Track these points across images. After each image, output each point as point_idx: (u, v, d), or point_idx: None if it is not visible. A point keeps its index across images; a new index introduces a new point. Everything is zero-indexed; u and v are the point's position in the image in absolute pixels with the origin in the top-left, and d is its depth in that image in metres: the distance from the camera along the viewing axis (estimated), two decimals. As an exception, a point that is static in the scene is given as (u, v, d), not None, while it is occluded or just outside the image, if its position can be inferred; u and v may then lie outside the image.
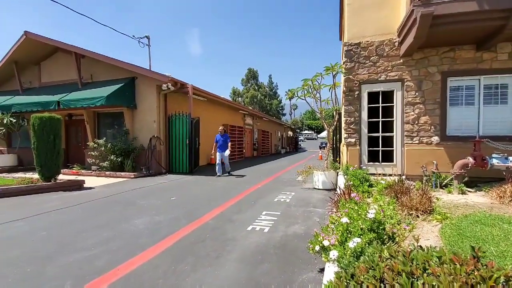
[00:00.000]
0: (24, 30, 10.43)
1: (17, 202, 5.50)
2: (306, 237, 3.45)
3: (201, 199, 5.87)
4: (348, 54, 6.41)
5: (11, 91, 12.04)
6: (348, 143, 6.42)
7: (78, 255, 2.99)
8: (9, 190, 5.97)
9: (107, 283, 2.41)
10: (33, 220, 4.34)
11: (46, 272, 2.62)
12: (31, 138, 6.71)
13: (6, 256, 2.97)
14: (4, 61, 11.31)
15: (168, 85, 9.32)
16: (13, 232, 3.74)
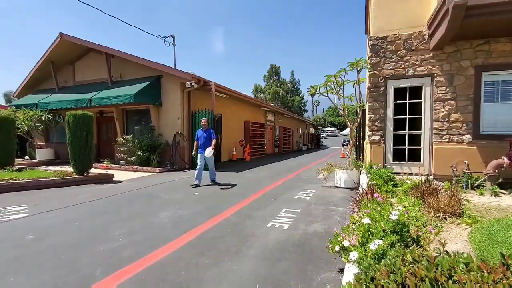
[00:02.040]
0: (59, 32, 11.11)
1: (53, 194, 5.94)
2: (326, 236, 3.41)
3: (222, 194, 5.98)
4: (374, 48, 6.17)
5: (49, 89, 12.94)
6: (372, 141, 6.22)
7: (107, 245, 3.18)
8: (47, 182, 6.47)
9: (133, 272, 2.55)
10: (68, 210, 4.67)
11: (79, 260, 2.82)
12: (66, 134, 7.19)
13: (45, 244, 3.23)
14: (42, 61, 12.16)
15: (191, 83, 9.54)
16: (50, 222, 4.05)
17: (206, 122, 7.08)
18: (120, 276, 2.49)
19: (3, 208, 4.72)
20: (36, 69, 12.56)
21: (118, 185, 7.02)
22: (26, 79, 13.05)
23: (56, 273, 2.53)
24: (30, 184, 6.22)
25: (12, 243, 3.23)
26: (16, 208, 4.74)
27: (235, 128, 14.48)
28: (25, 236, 3.46)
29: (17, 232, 3.59)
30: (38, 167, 10.01)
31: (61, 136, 12.52)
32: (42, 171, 8.36)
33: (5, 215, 4.33)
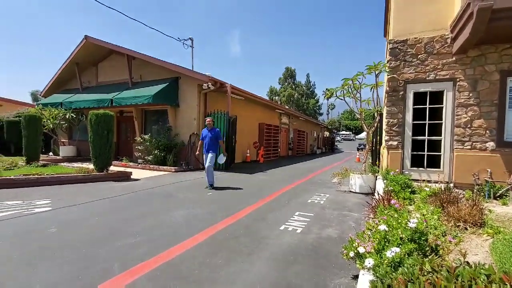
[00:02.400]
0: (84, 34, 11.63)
1: (75, 189, 6.19)
2: (340, 241, 3.37)
3: (235, 195, 6.03)
4: (393, 52, 6.05)
5: (73, 89, 13.54)
6: (390, 146, 6.08)
7: (125, 241, 3.29)
8: (69, 178, 6.76)
9: (149, 269, 2.62)
10: (88, 206, 4.86)
11: (98, 254, 2.93)
12: (88, 132, 7.49)
13: (67, 238, 3.37)
14: (68, 62, 12.75)
15: (208, 85, 9.69)
16: (72, 217, 4.23)
17: (211, 121, 6.73)
18: (136, 271, 2.57)
19: (28, 201, 4.98)
20: (62, 70, 13.18)
21: (136, 183, 7.22)
22: (53, 79, 13.72)
23: (76, 265, 2.65)
24: (54, 179, 6.53)
25: (37, 235, 3.41)
26: (41, 202, 4.98)
27: (249, 129, 14.54)
28: (49, 229, 3.63)
29: (41, 225, 3.77)
30: (61, 163, 10.46)
31: (83, 134, 13.07)
32: (65, 167, 8.74)
33: (31, 208, 4.57)
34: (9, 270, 2.51)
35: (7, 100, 17.42)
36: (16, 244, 3.12)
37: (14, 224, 3.79)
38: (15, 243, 3.14)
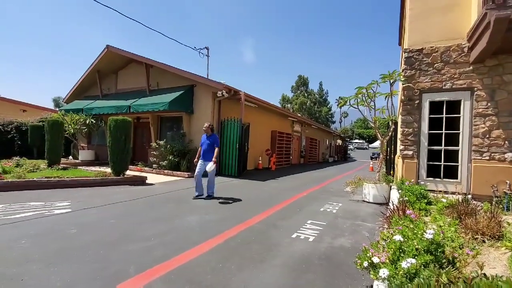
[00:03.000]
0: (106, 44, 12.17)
1: (93, 192, 6.41)
2: (353, 251, 3.33)
3: (247, 202, 6.06)
4: (409, 61, 6.01)
5: (94, 96, 14.10)
6: (405, 156, 5.97)
7: (140, 244, 3.38)
8: (88, 181, 7.00)
9: (163, 272, 2.69)
10: (105, 209, 5.02)
11: (114, 256, 3.02)
12: (107, 137, 7.77)
13: (85, 239, 3.50)
14: (90, 70, 13.33)
15: (222, 92, 9.88)
16: (89, 219, 4.38)
17: (209, 127, 6.22)
18: (151, 274, 2.64)
19: (50, 202, 5.20)
20: (84, 77, 13.79)
21: (151, 187, 7.39)
22: (75, 86, 14.35)
23: (94, 266, 2.75)
24: (74, 182, 6.78)
25: (57, 236, 3.55)
26: (61, 203, 5.19)
27: (262, 137, 14.62)
28: (68, 230, 3.78)
29: (61, 226, 3.93)
30: (80, 166, 10.85)
31: (101, 139, 13.53)
32: (84, 170, 9.05)
33: (52, 209, 4.77)
34: (32, 269, 2.63)
35: (31, 105, 18.30)
36: (38, 243, 3.27)
37: (36, 224, 3.97)
38: (38, 243, 3.28)
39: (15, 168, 7.63)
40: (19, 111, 16.75)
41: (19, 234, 3.53)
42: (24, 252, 3.01)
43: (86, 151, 13.07)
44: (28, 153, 12.42)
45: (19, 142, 12.86)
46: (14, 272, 2.55)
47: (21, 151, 12.53)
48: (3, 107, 15.90)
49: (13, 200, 5.24)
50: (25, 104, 17.99)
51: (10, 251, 3.02)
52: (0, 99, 16.55)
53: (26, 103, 18.17)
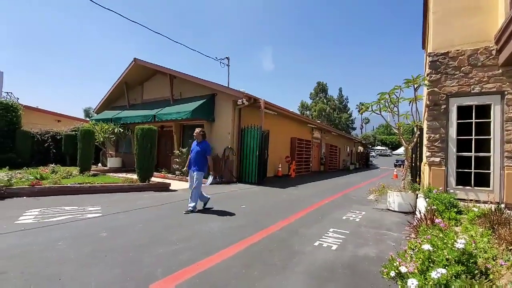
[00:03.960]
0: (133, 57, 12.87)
1: (121, 198, 6.72)
2: (378, 261, 3.25)
3: (268, 209, 6.08)
4: (434, 65, 5.84)
5: (121, 106, 14.88)
6: (431, 163, 5.75)
7: (166, 248, 3.50)
8: (116, 187, 7.36)
9: (189, 275, 2.77)
10: (132, 214, 5.25)
11: (143, 259, 3.16)
12: (134, 145, 8.15)
13: (115, 242, 3.68)
14: (118, 82, 14.13)
15: (243, 100, 10.07)
16: (119, 223, 4.60)
17: (199, 133, 5.60)
18: (177, 277, 2.74)
19: (82, 207, 5.52)
20: (113, 89, 14.62)
21: (174, 193, 7.62)
22: (105, 97, 15.24)
23: (124, 268, 2.89)
24: (103, 188, 7.16)
25: (90, 239, 3.77)
26: (93, 208, 5.49)
27: (281, 144, 14.62)
28: (100, 233, 4.00)
29: (93, 229, 4.17)
30: (109, 173, 11.41)
31: (128, 147, 14.17)
32: (112, 177, 9.52)
33: (84, 213, 5.06)
34: (68, 270, 2.82)
35: (65, 116, 19.57)
36: (73, 245, 3.49)
37: (71, 227, 4.23)
38: (72, 245, 3.50)
39: (51, 175, 8.17)
40: (54, 121, 17.96)
41: (56, 236, 3.78)
42: (61, 253, 3.22)
43: (114, 158, 13.72)
44: (62, 161, 13.25)
45: (54, 150, 13.76)
46: (53, 272, 2.74)
47: (56, 158, 13.41)
48: (40, 117, 17.14)
49: (50, 205, 5.61)
50: (60, 115, 19.27)
51: (49, 252, 3.24)
52: (38, 110, 17.85)
53: (60, 113, 19.46)
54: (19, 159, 11.28)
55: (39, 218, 4.64)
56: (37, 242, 3.52)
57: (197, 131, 5.65)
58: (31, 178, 7.18)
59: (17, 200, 5.96)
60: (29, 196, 6.29)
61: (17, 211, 5.03)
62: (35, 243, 3.50)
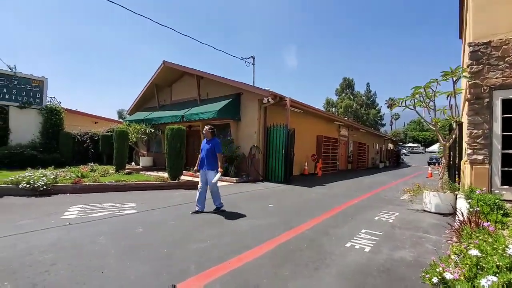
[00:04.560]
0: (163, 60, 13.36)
1: (154, 195, 7.02)
2: (416, 265, 3.10)
3: (296, 208, 6.03)
4: (475, 55, 5.41)
5: (152, 107, 15.55)
6: (473, 161, 5.34)
7: (197, 245, 3.60)
8: (149, 185, 7.72)
9: (221, 273, 2.82)
10: (166, 210, 5.46)
11: (176, 255, 3.28)
12: (164, 145, 8.47)
13: (151, 238, 3.85)
14: (149, 84, 14.79)
15: (268, 99, 10.05)
16: (153, 219, 4.82)
17: (209, 131, 5.44)
18: (209, 274, 2.80)
19: (119, 204, 5.85)
20: (144, 91, 15.32)
21: (202, 192, 7.81)
22: (137, 99, 16.02)
23: (160, 263, 3.01)
24: (137, 186, 7.53)
25: (127, 234, 3.98)
26: (128, 205, 5.79)
27: (307, 142, 14.41)
28: (136, 229, 4.20)
29: (130, 225, 4.39)
30: (141, 171, 11.99)
31: (158, 147, 14.78)
32: (145, 175, 9.99)
33: (121, 210, 5.36)
34: (109, 263, 3.00)
35: (101, 117, 20.87)
36: (113, 240, 3.70)
37: (110, 223, 4.50)
38: (112, 239, 3.72)
39: (90, 173, 8.75)
40: (91, 123, 19.22)
41: (98, 231, 4.04)
42: (102, 247, 3.44)
43: (146, 157, 14.38)
44: (99, 159, 14.14)
45: (92, 149, 14.74)
46: (96, 265, 2.93)
47: (93, 157, 14.34)
48: (79, 119, 18.42)
49: (90, 201, 6.01)
50: (96, 117, 20.58)
51: (91, 246, 3.48)
52: (77, 113, 19.19)
53: (97, 115, 20.78)
54: (62, 158, 12.20)
55: (81, 214, 4.99)
56: (81, 236, 3.78)
57: (206, 128, 5.49)
58: (73, 176, 7.74)
59: (62, 197, 6.46)
60: (72, 193, 6.79)
61: (62, 207, 5.45)
62: (80, 237, 3.77)
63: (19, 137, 12.26)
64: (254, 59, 15.91)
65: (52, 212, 5.00)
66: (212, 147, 5.35)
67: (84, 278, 2.63)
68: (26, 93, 12.63)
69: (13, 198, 6.12)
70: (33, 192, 6.36)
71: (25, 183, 6.36)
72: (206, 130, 5.46)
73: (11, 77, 12.27)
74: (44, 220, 4.49)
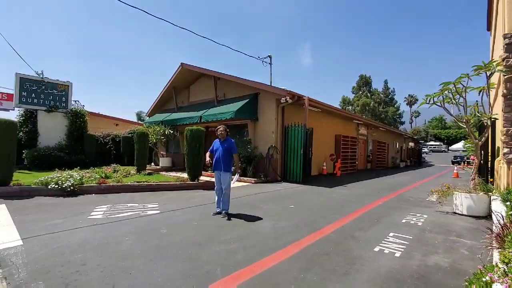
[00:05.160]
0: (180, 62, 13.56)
1: (175, 195, 7.09)
2: (453, 272, 2.92)
3: (318, 210, 5.90)
4: (510, 47, 5.05)
5: (170, 109, 15.81)
6: (510, 160, 4.99)
7: (222, 247, 3.57)
8: (169, 185, 7.83)
9: (248, 277, 2.77)
10: (187, 211, 5.49)
11: (201, 256, 3.26)
12: (184, 145, 8.57)
13: (175, 239, 3.86)
14: (167, 86, 15.06)
15: (286, 98, 9.93)
16: (176, 220, 4.85)
17: (224, 131, 5.33)
18: (236, 277, 2.75)
19: (142, 204, 5.95)
20: (163, 93, 15.62)
21: (221, 192, 7.81)
22: (156, 101, 16.35)
23: (186, 265, 3.00)
24: (158, 186, 7.66)
25: (152, 234, 4.01)
26: (151, 205, 5.88)
27: (325, 142, 14.15)
28: (160, 229, 4.24)
29: (154, 225, 4.44)
30: (161, 172, 12.21)
31: (177, 148, 15.01)
32: (165, 176, 10.15)
33: (145, 210, 5.44)
34: (137, 264, 3.02)
35: (122, 119, 21.47)
36: (139, 240, 3.74)
37: (135, 223, 4.57)
38: (138, 240, 3.76)
39: (113, 174, 9.00)
40: (112, 125, 19.81)
41: (124, 231, 4.11)
42: (129, 248, 3.48)
43: (165, 158, 14.64)
44: (121, 160, 14.54)
45: (114, 151, 15.19)
46: (124, 265, 2.96)
47: (115, 158, 14.77)
48: (101, 122, 19.04)
49: (115, 202, 6.16)
50: (117, 119, 21.20)
51: (118, 246, 3.53)
52: (99, 115, 19.85)
53: (117, 118, 21.40)
54: (86, 159, 12.65)
55: (107, 214, 5.10)
56: (108, 236, 3.86)
57: (221, 129, 5.35)
58: (97, 177, 7.98)
59: (88, 197, 6.66)
60: (97, 193, 6.99)
61: (88, 207, 5.61)
62: (107, 237, 3.84)
63: (47, 139, 12.82)
64: (271, 59, 15.80)
65: (79, 212, 5.15)
66: (228, 148, 5.22)
67: (113, 279, 2.66)
68: (53, 98, 13.19)
69: (43, 198, 6.38)
70: (61, 193, 6.61)
71: (53, 184, 6.62)
72: (222, 130, 5.33)
73: (39, 83, 12.85)
74: (73, 220, 4.63)
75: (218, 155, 5.23)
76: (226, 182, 5.18)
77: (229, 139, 5.40)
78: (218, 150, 5.26)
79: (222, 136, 5.32)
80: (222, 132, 5.31)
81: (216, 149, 5.31)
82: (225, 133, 5.34)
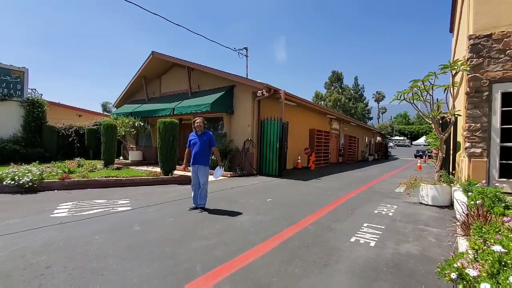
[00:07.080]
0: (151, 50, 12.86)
1: (147, 191, 6.77)
2: (423, 259, 3.09)
3: (295, 202, 5.96)
4: (475, 48, 5.41)
5: (140, 100, 15.02)
6: (471, 154, 5.40)
7: (200, 243, 3.45)
8: (141, 180, 7.45)
9: (228, 272, 2.70)
10: (161, 207, 5.26)
11: (179, 254, 3.12)
12: (156, 138, 8.18)
13: (149, 236, 3.67)
14: (137, 75, 14.23)
15: (262, 92, 9.87)
16: (149, 216, 4.61)
17: (201, 123, 5.05)
18: (217, 274, 2.67)
19: (112, 200, 5.60)
20: (132, 83, 14.75)
21: (197, 186, 7.62)
22: (124, 91, 15.42)
23: (163, 263, 2.85)
24: (129, 181, 7.25)
25: (124, 233, 3.77)
26: (122, 201, 5.55)
27: (300, 136, 14.38)
28: (133, 227, 4.00)
29: (126, 223, 4.18)
30: (131, 166, 11.61)
31: (148, 141, 14.35)
32: (135, 170, 9.66)
33: (115, 207, 5.12)
34: (109, 264, 2.81)
35: (86, 110, 20.07)
36: (110, 239, 3.50)
37: (104, 220, 4.28)
38: (109, 239, 3.51)
39: (77, 168, 8.37)
40: (75, 116, 18.45)
41: (93, 230, 3.82)
42: (99, 247, 3.24)
43: (135, 152, 13.96)
44: (85, 154, 13.62)
45: (78, 144, 14.17)
46: (94, 266, 2.74)
47: (79, 152, 13.80)
48: (62, 112, 17.64)
49: (81, 198, 5.73)
50: (81, 110, 19.77)
51: (87, 246, 3.27)
52: (60, 105, 18.37)
53: (81, 108, 19.97)
54: (46, 153, 11.68)
55: (72, 211, 4.73)
56: (75, 236, 3.56)
57: (198, 121, 5.05)
58: (60, 172, 7.37)
59: (49, 194, 6.13)
60: (60, 190, 6.46)
61: (50, 204, 5.16)
62: (73, 236, 3.54)
63: (0, 131, 11.60)
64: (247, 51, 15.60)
65: (40, 210, 4.72)
66: (207, 141, 5.03)
67: (83, 282, 2.44)
68: (6, 85, 11.92)
69: (-4, 195, 5.75)
70: (19, 189, 6.01)
71: (9, 180, 6.00)
72: (199, 122, 5.05)
73: (-11, 67, 11.53)
74: (33, 219, 4.22)
75: (196, 149, 5.00)
76: (205, 176, 4.99)
77: (208, 132, 5.17)
78: (196, 144, 5.02)
79: (200, 128, 5.05)
80: (200, 124, 5.03)
81: (194, 142, 5.05)
82: (203, 125, 5.08)
